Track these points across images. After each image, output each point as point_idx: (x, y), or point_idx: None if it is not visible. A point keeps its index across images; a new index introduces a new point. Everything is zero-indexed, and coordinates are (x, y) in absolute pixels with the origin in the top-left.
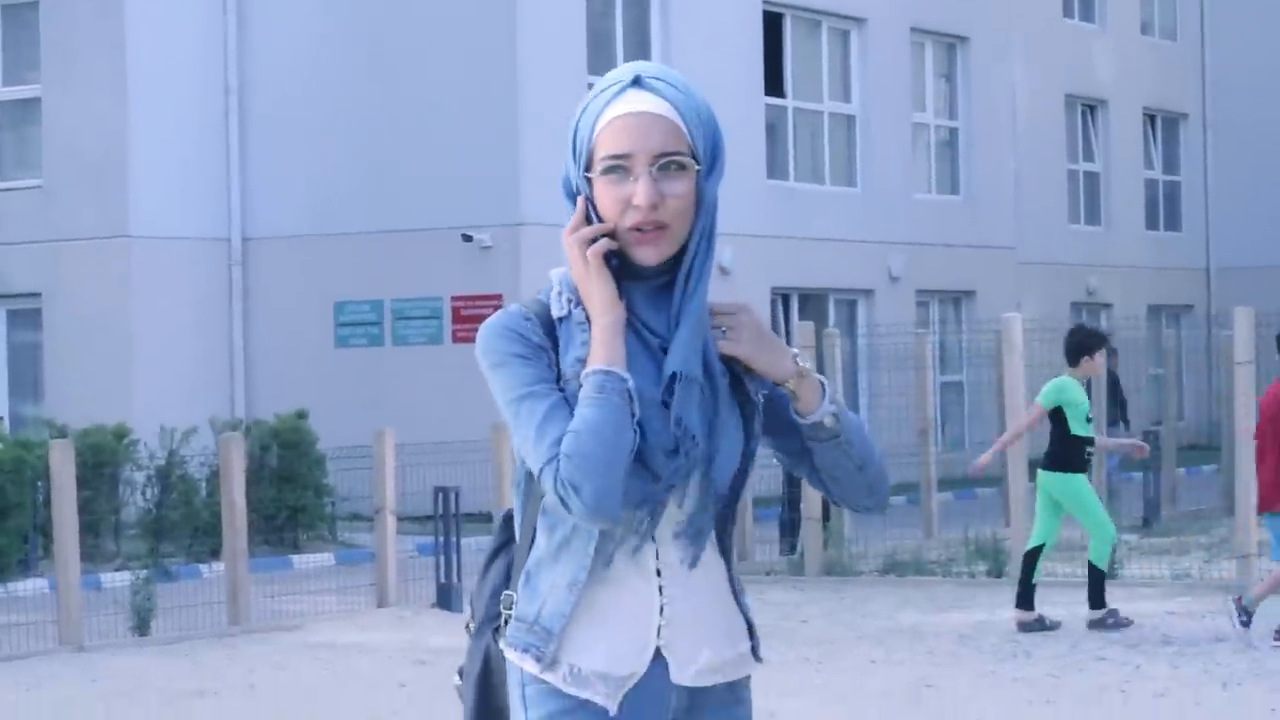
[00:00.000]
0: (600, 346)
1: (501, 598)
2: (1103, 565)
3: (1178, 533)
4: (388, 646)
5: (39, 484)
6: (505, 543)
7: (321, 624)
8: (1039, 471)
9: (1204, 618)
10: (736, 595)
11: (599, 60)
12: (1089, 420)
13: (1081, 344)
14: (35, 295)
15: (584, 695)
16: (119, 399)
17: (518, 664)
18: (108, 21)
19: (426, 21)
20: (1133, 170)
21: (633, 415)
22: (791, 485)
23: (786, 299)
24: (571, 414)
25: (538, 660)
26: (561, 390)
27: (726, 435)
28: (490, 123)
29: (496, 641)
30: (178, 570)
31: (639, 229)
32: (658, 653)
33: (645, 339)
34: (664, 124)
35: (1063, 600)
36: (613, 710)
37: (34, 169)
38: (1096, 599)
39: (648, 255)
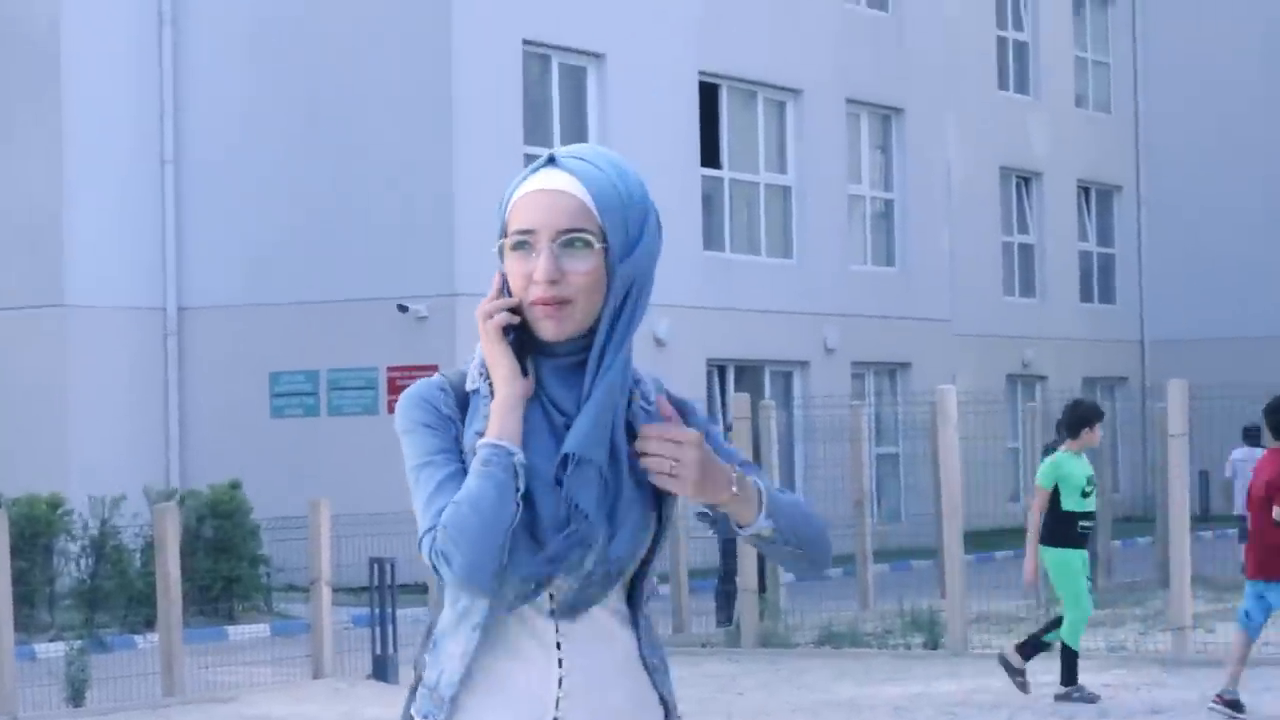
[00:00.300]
0: (495, 419)
1: (416, 663)
2: (1075, 645)
3: (1113, 604)
4: (323, 718)
5: None
6: None
7: (257, 695)
8: (1040, 547)
9: (1139, 690)
10: (650, 671)
11: (536, 132)
12: (1085, 495)
13: (1082, 417)
14: None
15: None
16: (54, 468)
17: None
18: (42, 90)
19: (363, 92)
20: (1067, 242)
21: (516, 490)
22: (727, 557)
23: (722, 370)
24: (455, 483)
25: None
26: (463, 462)
27: (630, 517)
28: (426, 193)
29: (412, 701)
30: (112, 641)
31: (541, 304)
32: None
33: (551, 416)
34: (569, 201)
35: (998, 672)
36: None
37: None
38: (1068, 676)
39: (548, 330)
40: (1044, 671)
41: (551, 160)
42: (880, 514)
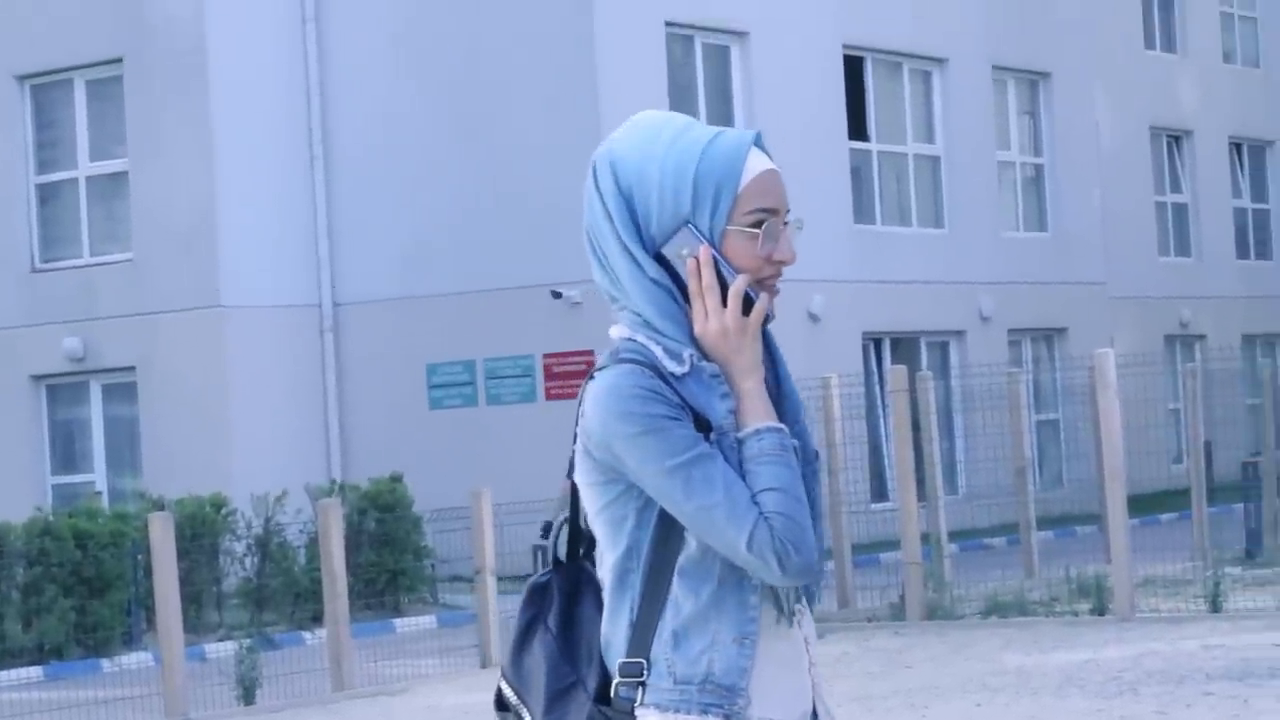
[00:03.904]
0: (760, 404)
1: (621, 666)
2: None
3: None
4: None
5: (139, 556)
6: (536, 615)
7: (426, 687)
8: None
9: None
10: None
11: (681, 109)
12: None
13: None
14: (130, 369)
15: None
16: (216, 468)
17: None
18: (191, 93)
19: (507, 79)
20: (1221, 200)
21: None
22: None
23: (878, 343)
24: (734, 471)
25: (727, 718)
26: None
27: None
28: (573, 178)
29: (602, 712)
30: (280, 638)
31: (772, 283)
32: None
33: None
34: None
35: (1167, 635)
36: None
37: (124, 242)
38: None
39: (772, 310)
40: (1210, 632)
41: (758, 141)
42: (1042, 481)
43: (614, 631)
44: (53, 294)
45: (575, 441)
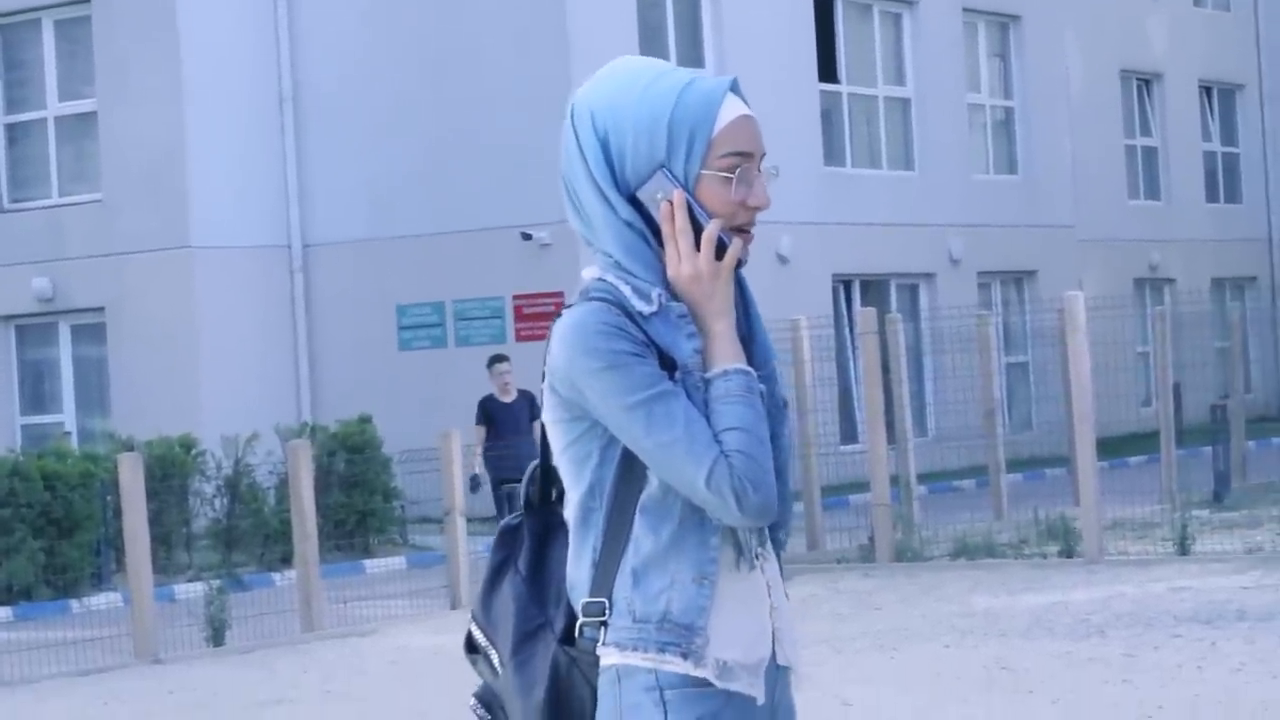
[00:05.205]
0: (730, 346)
1: (584, 606)
2: None
3: (1248, 506)
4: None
5: (108, 497)
6: (507, 557)
7: (395, 628)
8: None
9: (1278, 590)
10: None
11: (651, 52)
12: None
13: None
14: (99, 309)
15: (731, 687)
16: (185, 409)
17: (652, 666)
18: (160, 33)
19: (477, 20)
20: (1191, 143)
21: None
22: None
23: (848, 285)
24: (698, 410)
25: (684, 657)
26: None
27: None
28: (544, 119)
29: (566, 652)
30: (250, 579)
31: (747, 228)
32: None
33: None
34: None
35: (1135, 578)
36: (761, 698)
37: (93, 183)
38: None
39: (745, 254)
40: (1178, 575)
41: (734, 87)
42: (1011, 423)
43: (578, 571)
44: (21, 234)
45: (544, 380)
